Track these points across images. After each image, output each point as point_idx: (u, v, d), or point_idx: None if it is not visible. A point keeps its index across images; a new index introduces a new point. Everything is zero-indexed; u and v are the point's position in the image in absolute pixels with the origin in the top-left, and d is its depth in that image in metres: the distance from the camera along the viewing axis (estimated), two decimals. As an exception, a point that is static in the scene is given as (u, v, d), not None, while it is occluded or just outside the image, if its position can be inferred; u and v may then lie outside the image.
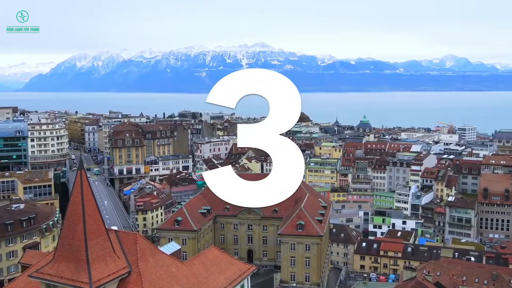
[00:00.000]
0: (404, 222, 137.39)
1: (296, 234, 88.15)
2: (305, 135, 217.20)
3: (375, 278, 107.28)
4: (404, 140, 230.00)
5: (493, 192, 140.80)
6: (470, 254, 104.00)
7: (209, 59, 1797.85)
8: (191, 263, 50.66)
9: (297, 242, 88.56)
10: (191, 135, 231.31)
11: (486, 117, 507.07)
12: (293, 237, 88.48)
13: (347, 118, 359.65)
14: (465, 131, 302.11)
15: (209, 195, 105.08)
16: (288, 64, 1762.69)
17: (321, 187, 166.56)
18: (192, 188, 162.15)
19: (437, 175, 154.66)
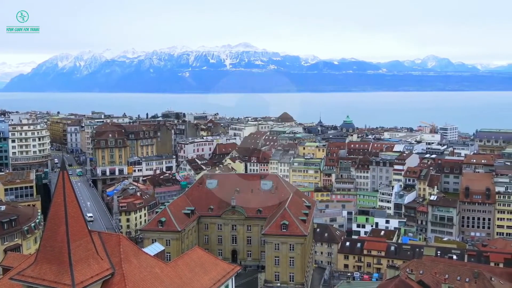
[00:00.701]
0: (387, 221, 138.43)
1: (280, 234, 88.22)
2: (288, 135, 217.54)
3: (359, 277, 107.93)
4: (387, 140, 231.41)
5: (475, 191, 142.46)
6: (452, 252, 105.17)
7: (192, 59, 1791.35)
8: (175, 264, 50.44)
9: (281, 242, 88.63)
10: (175, 136, 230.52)
11: (467, 116, 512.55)
12: (277, 237, 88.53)
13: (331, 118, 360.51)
14: (447, 131, 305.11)
15: (193, 195, 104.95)
16: (272, 64, 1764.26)
17: (305, 187, 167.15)
18: (175, 189, 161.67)
19: (420, 174, 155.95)
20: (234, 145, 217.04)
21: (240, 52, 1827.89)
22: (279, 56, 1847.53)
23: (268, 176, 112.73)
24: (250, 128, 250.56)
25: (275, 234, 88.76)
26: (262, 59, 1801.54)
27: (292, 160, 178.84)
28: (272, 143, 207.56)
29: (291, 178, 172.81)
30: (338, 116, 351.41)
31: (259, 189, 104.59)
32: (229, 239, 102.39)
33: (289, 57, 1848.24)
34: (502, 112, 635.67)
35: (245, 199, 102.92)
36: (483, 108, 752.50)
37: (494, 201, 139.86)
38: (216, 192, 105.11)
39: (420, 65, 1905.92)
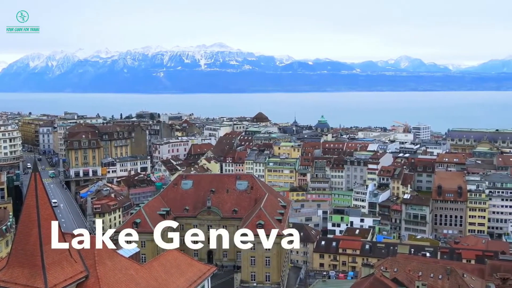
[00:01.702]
0: (362, 220, 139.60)
1: (256, 233, 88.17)
2: (264, 135, 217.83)
3: (334, 276, 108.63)
4: (361, 139, 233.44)
5: (447, 189, 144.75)
6: (426, 250, 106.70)
7: (167, 59, 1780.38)
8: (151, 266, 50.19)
9: (257, 242, 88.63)
10: (149, 136, 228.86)
11: (439, 116, 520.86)
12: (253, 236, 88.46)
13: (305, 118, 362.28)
14: (420, 130, 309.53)
15: (168, 196, 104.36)
16: (247, 64, 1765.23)
17: (280, 186, 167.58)
18: (150, 190, 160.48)
19: (393, 173, 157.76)
20: (209, 145, 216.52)
21: (215, 52, 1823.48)
22: (254, 56, 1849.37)
23: (244, 176, 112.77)
24: (225, 128, 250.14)
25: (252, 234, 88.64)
26: (237, 59, 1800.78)
27: (267, 160, 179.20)
28: (247, 143, 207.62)
29: (267, 178, 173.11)
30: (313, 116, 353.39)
31: (234, 189, 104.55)
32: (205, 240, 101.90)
33: (264, 57, 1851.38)
34: (473, 111, 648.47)
35: (220, 199, 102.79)
36: (455, 107, 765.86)
37: (465, 199, 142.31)
38: (192, 192, 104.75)
39: (393, 65, 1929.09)
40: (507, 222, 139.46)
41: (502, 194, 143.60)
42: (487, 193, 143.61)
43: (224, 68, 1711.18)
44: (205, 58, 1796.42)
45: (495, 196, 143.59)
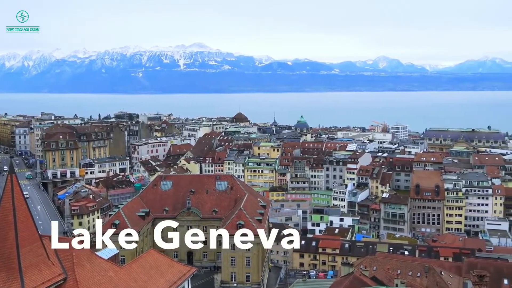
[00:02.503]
0: (341, 219, 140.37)
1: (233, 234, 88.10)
2: (243, 135, 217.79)
3: (314, 275, 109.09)
4: (340, 139, 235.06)
5: (424, 188, 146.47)
6: (404, 248, 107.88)
7: (145, 59, 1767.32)
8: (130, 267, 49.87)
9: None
10: (128, 137, 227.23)
11: (417, 116, 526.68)
12: (233, 237, 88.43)
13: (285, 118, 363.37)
14: (398, 130, 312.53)
15: (147, 197, 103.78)
16: (226, 64, 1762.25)
17: (260, 186, 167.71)
18: (129, 191, 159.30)
19: (372, 172, 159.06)
20: (189, 145, 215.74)
21: (194, 52, 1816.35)
22: (233, 56, 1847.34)
23: (223, 177, 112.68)
24: (204, 129, 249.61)
25: (231, 234, 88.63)
26: (216, 60, 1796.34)
27: (247, 160, 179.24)
28: (226, 143, 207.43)
29: (246, 178, 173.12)
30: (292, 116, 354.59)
31: (214, 190, 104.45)
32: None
33: (243, 58, 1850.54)
34: (450, 111, 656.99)
35: (200, 200, 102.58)
36: (432, 107, 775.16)
37: (443, 198, 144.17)
38: (171, 193, 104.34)
39: (372, 65, 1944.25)
40: (483, 220, 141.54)
41: (478, 193, 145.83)
42: (464, 191, 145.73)
43: (203, 68, 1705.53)
44: (184, 58, 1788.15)
45: (471, 195, 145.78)
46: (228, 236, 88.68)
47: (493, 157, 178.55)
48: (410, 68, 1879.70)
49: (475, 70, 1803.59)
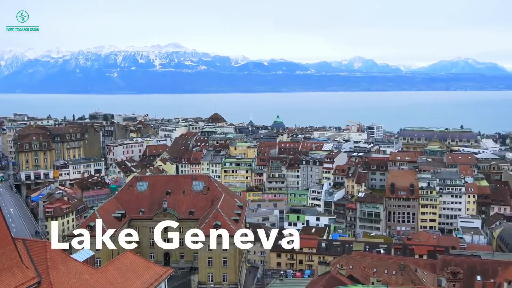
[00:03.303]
0: (318, 219, 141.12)
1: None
2: (219, 136, 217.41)
3: (291, 275, 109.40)
4: (316, 139, 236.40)
5: (399, 187, 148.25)
6: (380, 247, 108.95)
7: (120, 59, 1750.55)
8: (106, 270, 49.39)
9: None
10: (103, 138, 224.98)
11: (391, 116, 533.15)
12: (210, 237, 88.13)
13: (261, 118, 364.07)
14: (373, 130, 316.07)
15: (123, 198, 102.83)
16: (202, 64, 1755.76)
17: (237, 187, 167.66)
18: (105, 192, 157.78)
19: (348, 172, 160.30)
20: (165, 146, 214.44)
21: (169, 52, 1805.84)
22: (209, 56, 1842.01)
23: (200, 177, 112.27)
24: (180, 129, 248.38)
25: (207, 235, 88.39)
26: (192, 60, 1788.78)
27: (223, 161, 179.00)
28: (203, 143, 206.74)
29: (223, 178, 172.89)
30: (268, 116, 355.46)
31: (190, 190, 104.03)
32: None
33: (219, 58, 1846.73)
34: (424, 111, 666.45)
35: (176, 200, 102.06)
36: (406, 107, 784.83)
37: (417, 196, 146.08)
38: (147, 194, 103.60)
39: (347, 66, 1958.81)
40: (456, 218, 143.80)
41: (452, 191, 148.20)
42: (438, 190, 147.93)
43: (179, 68, 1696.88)
44: (159, 58, 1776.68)
45: (445, 193, 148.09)
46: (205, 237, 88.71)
47: (466, 156, 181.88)
48: (384, 69, 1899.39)
49: (448, 70, 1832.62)
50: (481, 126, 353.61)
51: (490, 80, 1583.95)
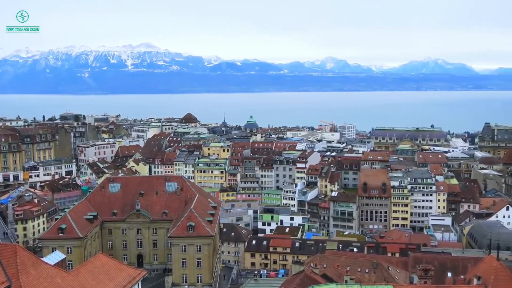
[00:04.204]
0: (291, 218, 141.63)
1: (186, 235, 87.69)
2: (193, 136, 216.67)
3: (266, 274, 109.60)
4: (289, 139, 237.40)
5: (372, 186, 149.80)
6: (353, 245, 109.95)
7: (92, 59, 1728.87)
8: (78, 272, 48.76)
9: (188, 244, 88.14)
10: (74, 139, 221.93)
11: (363, 115, 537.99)
12: (184, 238, 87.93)
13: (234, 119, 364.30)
14: (346, 129, 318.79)
15: (95, 200, 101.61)
16: (175, 65, 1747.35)
17: (210, 187, 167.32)
18: (76, 194, 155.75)
19: (321, 171, 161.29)
20: (138, 147, 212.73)
21: (142, 52, 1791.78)
22: (182, 56, 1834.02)
23: (173, 178, 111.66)
24: (153, 130, 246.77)
25: (181, 236, 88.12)
26: (164, 60, 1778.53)
27: (196, 161, 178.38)
28: (176, 144, 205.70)
29: (196, 179, 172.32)
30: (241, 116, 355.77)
31: (164, 191, 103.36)
32: (134, 244, 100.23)
33: (192, 58, 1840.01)
34: (395, 111, 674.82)
35: (150, 201, 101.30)
36: (378, 107, 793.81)
37: (389, 195, 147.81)
38: (120, 195, 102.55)
39: (320, 66, 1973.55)
40: (427, 216, 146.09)
41: (423, 189, 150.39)
42: (409, 188, 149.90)
43: (151, 68, 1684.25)
44: (131, 58, 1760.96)
45: (416, 192, 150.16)
46: (179, 238, 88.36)
47: (436, 155, 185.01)
48: (356, 69, 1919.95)
49: (418, 70, 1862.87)
50: (451, 125, 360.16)
51: (459, 81, 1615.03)
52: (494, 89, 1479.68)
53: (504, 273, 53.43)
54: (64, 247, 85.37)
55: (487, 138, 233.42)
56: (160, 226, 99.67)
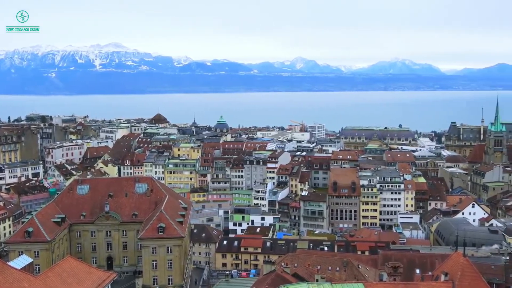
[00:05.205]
0: (262, 218, 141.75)
1: (157, 237, 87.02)
2: (162, 137, 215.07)
3: (237, 275, 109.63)
4: (259, 139, 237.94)
5: (341, 185, 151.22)
6: (323, 244, 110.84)
7: (58, 59, 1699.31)
8: (46, 276, 47.96)
9: (158, 245, 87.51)
10: (41, 140, 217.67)
11: (333, 115, 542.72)
12: (154, 240, 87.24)
13: (205, 119, 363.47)
14: (316, 129, 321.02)
15: (63, 202, 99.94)
16: (144, 65, 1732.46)
17: (181, 188, 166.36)
18: (43, 196, 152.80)
19: (291, 171, 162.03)
20: (106, 148, 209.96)
21: (110, 52, 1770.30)
22: (151, 56, 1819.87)
23: (143, 179, 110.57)
24: (122, 131, 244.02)
25: (151, 238, 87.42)
26: (133, 60, 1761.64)
27: (166, 162, 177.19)
28: (146, 145, 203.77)
29: (167, 180, 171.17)
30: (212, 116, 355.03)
31: (133, 193, 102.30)
32: (103, 246, 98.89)
33: (161, 58, 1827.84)
34: (364, 111, 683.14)
35: (119, 203, 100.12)
36: (347, 107, 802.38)
37: (359, 194, 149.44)
38: (88, 197, 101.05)
39: (289, 66, 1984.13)
40: (396, 214, 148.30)
41: (391, 188, 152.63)
42: (378, 187, 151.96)
43: (120, 68, 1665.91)
44: (100, 58, 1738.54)
45: (385, 190, 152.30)
46: (149, 240, 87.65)
47: (404, 154, 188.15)
48: (326, 69, 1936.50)
49: (386, 71, 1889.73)
50: (418, 125, 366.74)
51: (425, 81, 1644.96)
52: (460, 89, 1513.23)
53: (470, 269, 54.77)
54: (31, 251, 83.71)
55: (453, 137, 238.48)
56: (130, 228, 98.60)
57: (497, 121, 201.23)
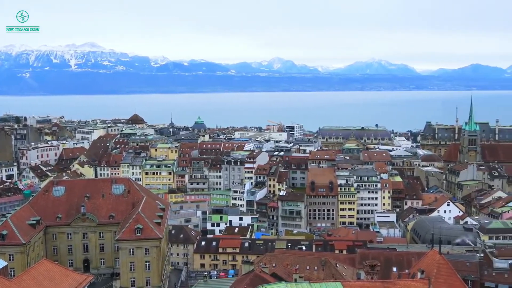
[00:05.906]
0: (240, 219, 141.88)
1: (134, 238, 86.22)
2: (140, 137, 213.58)
3: (215, 275, 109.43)
4: (237, 139, 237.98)
5: (319, 184, 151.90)
6: (302, 244, 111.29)
7: (33, 59, 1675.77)
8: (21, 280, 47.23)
9: (136, 247, 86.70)
10: (15, 141, 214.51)
11: (310, 115, 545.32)
12: (132, 241, 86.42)
13: (182, 119, 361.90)
14: (293, 129, 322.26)
15: (38, 204, 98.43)
16: (120, 65, 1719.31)
17: (158, 189, 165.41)
18: (18, 199, 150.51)
19: (269, 171, 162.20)
20: (82, 149, 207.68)
21: (86, 52, 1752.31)
22: (127, 56, 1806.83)
23: (120, 180, 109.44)
24: (99, 131, 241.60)
25: (129, 239, 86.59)
26: (109, 60, 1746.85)
27: (144, 163, 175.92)
28: (122, 146, 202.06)
29: (144, 181, 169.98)
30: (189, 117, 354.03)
31: (110, 194, 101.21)
32: (80, 248, 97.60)
33: (138, 58, 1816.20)
34: (341, 111, 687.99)
35: (96, 205, 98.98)
36: (324, 107, 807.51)
37: (336, 193, 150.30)
38: (64, 199, 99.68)
39: (267, 66, 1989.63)
40: (373, 213, 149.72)
41: (368, 187, 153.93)
42: (355, 186, 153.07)
43: (96, 68, 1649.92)
44: (75, 58, 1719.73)
45: (362, 189, 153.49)
46: (127, 241, 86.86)
47: (381, 154, 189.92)
48: (303, 69, 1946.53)
49: (363, 71, 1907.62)
50: (394, 124, 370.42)
51: (401, 81, 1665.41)
52: (435, 89, 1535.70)
53: (446, 266, 55.64)
54: (6, 254, 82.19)
55: (429, 137, 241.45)
56: (107, 229, 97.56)
57: (471, 120, 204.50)
